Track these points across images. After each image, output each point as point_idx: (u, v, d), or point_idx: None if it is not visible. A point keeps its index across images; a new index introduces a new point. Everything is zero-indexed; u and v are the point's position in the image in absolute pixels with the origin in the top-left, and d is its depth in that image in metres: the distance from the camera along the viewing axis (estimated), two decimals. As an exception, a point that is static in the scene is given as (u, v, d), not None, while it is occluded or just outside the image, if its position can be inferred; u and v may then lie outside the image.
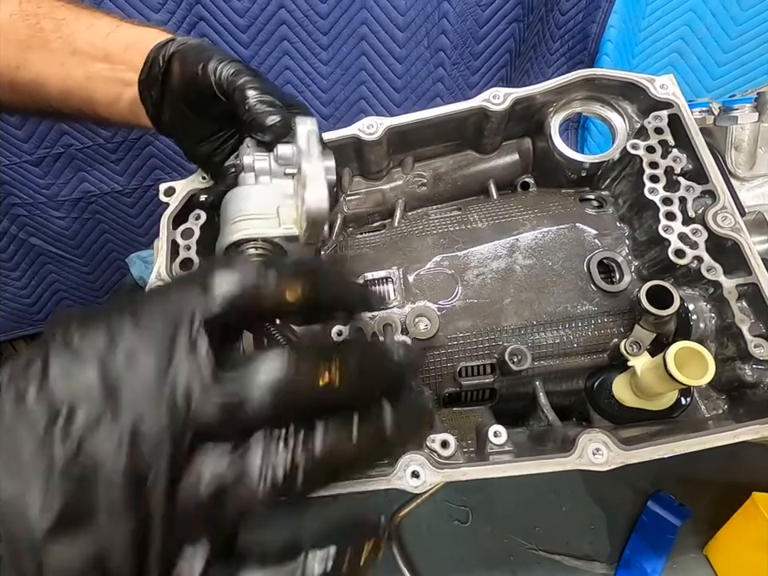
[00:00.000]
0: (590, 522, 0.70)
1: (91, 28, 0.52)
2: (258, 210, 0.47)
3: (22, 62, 0.51)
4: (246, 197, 0.48)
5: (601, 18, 1.07)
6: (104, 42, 0.51)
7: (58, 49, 0.51)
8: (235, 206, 0.48)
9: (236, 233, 0.46)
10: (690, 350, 0.46)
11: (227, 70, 0.48)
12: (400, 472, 0.44)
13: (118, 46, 0.51)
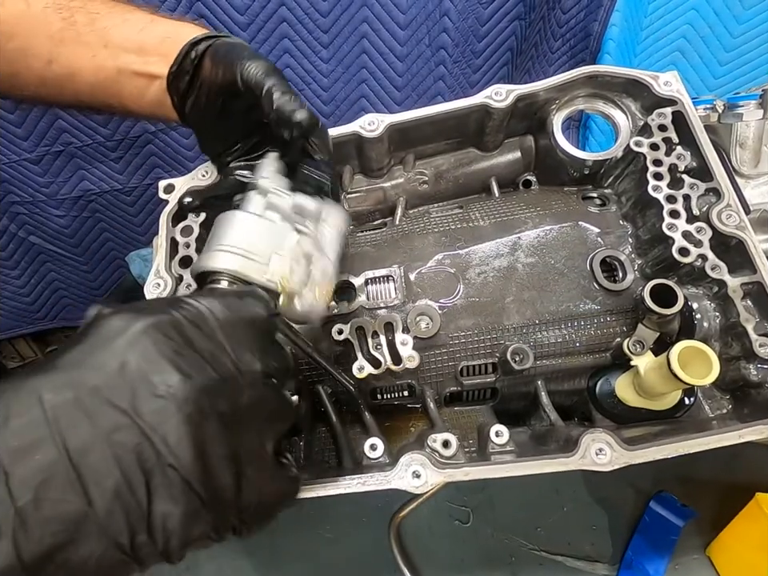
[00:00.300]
0: (592, 523, 0.69)
1: (126, 22, 0.51)
2: (251, 247, 0.44)
3: (54, 55, 0.50)
4: (246, 228, 0.45)
5: (603, 17, 1.06)
6: (138, 35, 0.51)
7: (90, 42, 0.51)
8: (232, 232, 0.45)
9: (219, 262, 0.42)
10: (693, 349, 0.46)
11: (256, 68, 0.47)
12: (401, 472, 0.44)
13: (153, 39, 0.51)
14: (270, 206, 0.47)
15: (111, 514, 0.27)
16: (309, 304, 0.44)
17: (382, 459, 0.49)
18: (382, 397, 0.60)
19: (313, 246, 0.45)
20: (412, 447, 0.49)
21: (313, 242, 0.46)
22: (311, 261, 0.45)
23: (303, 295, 0.43)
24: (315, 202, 0.48)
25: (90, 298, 1.42)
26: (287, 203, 0.48)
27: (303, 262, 0.45)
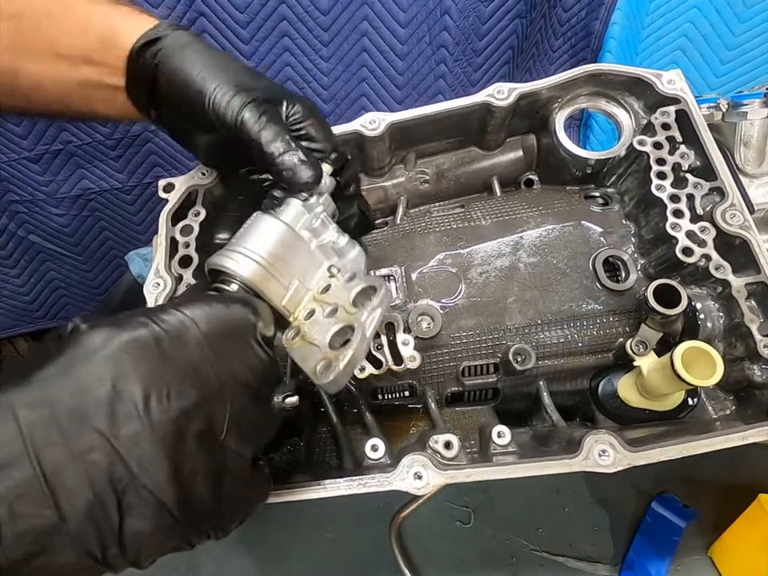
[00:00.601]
0: (593, 523, 0.69)
1: (67, 25, 0.48)
2: (276, 262, 0.41)
3: (16, 68, 0.48)
4: (277, 239, 0.42)
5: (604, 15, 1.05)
6: (82, 39, 0.47)
7: (42, 53, 0.49)
8: (261, 238, 0.42)
9: (236, 265, 0.40)
10: (697, 349, 0.45)
11: (231, 111, 0.42)
12: (402, 473, 0.44)
13: (95, 43, 0.47)
14: (310, 227, 0.44)
15: (83, 530, 0.27)
16: (325, 371, 0.38)
17: (383, 460, 0.49)
18: (383, 397, 0.60)
19: (342, 302, 0.41)
20: (413, 448, 0.48)
21: (342, 295, 0.42)
22: (335, 316, 0.40)
23: (321, 355, 0.39)
24: (354, 248, 0.46)
25: (90, 297, 1.42)
26: (328, 234, 0.45)
27: (327, 311, 0.41)
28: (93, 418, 0.28)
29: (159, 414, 0.29)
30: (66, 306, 1.44)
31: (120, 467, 0.28)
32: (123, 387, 0.29)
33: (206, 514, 0.31)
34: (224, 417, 0.32)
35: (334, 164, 0.50)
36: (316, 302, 0.42)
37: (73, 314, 1.45)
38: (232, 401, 0.33)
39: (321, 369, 0.38)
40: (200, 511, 0.31)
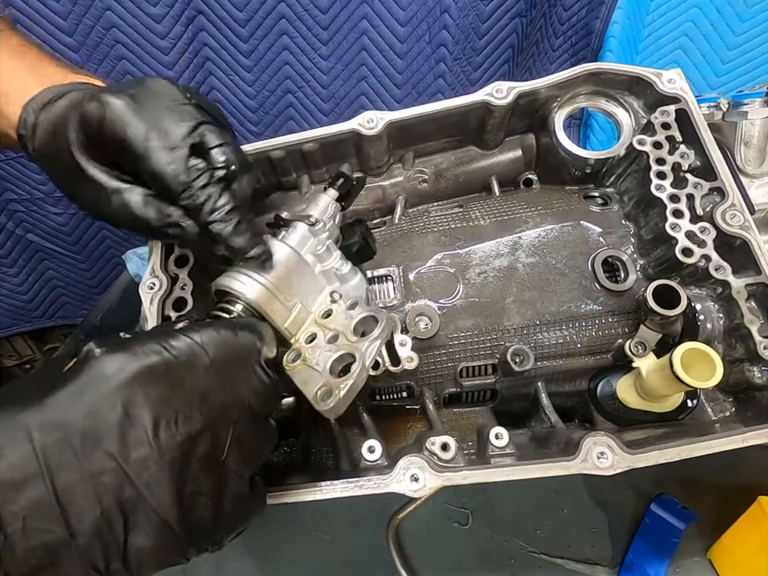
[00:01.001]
0: (592, 525, 0.69)
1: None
2: (281, 284, 0.42)
3: None
4: (285, 263, 0.43)
5: (604, 14, 1.05)
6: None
7: None
8: (278, 266, 0.43)
9: (243, 287, 0.41)
10: (697, 351, 0.45)
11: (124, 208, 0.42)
12: (399, 475, 0.43)
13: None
14: (315, 252, 0.46)
15: (90, 545, 0.29)
16: (326, 398, 0.39)
17: (380, 462, 0.48)
18: (381, 398, 0.60)
19: (344, 328, 0.42)
20: (410, 450, 0.48)
21: (345, 324, 0.42)
22: (336, 343, 0.41)
23: (322, 381, 0.40)
24: (356, 275, 0.47)
25: (88, 295, 1.42)
26: (332, 260, 0.46)
27: (329, 337, 0.42)
28: (105, 441, 0.30)
29: (167, 440, 0.31)
30: (65, 305, 1.44)
31: (129, 489, 0.30)
32: (134, 413, 0.31)
33: (205, 531, 0.33)
34: (227, 439, 0.34)
35: (339, 189, 0.51)
36: (317, 326, 0.44)
37: (71, 313, 1.45)
38: (235, 423, 0.34)
39: (321, 395, 0.39)
40: (200, 529, 0.33)
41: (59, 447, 0.29)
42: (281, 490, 0.44)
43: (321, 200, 0.51)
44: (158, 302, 0.51)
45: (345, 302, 0.45)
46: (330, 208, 0.50)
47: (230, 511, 0.34)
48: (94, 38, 0.97)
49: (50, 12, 0.93)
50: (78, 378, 0.31)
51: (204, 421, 0.33)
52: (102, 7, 0.94)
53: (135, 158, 0.41)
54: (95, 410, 0.30)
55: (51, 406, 0.30)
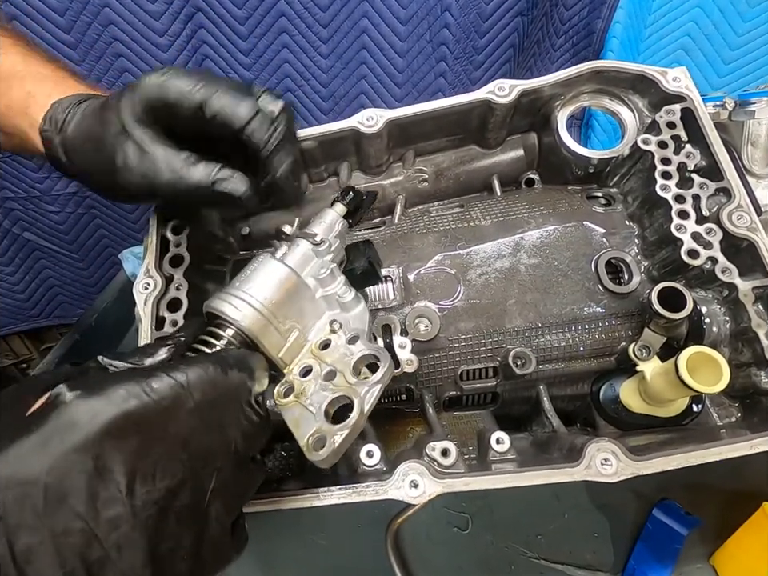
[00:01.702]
0: (594, 530, 0.68)
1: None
2: (277, 309, 0.39)
3: None
4: (283, 286, 0.40)
5: (606, 14, 1.04)
6: (6, 96, 0.49)
7: None
8: (265, 284, 0.40)
9: (236, 313, 0.38)
10: (702, 355, 0.44)
11: None
12: (398, 481, 0.42)
13: (17, 104, 0.48)
14: (317, 275, 0.43)
15: None
16: (318, 446, 0.36)
17: (378, 467, 0.47)
18: (380, 400, 0.58)
19: (344, 369, 0.39)
20: (410, 454, 0.47)
21: (344, 362, 0.40)
22: (333, 382, 0.38)
23: (316, 427, 0.37)
24: (359, 304, 0.44)
25: (85, 295, 1.41)
26: (336, 285, 0.43)
27: (324, 373, 0.39)
28: (71, 499, 0.27)
29: (143, 496, 0.28)
30: (62, 304, 1.43)
31: (97, 550, 0.27)
32: (106, 467, 0.28)
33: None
34: (209, 488, 0.31)
35: (348, 205, 0.48)
36: (314, 358, 0.41)
37: (68, 312, 1.44)
38: (219, 470, 0.32)
39: (314, 443, 0.36)
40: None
41: (19, 505, 0.26)
42: (277, 496, 0.43)
43: (327, 216, 0.48)
44: (153, 302, 0.50)
45: (345, 333, 0.42)
46: (336, 226, 0.47)
47: (209, 561, 0.32)
48: (91, 35, 0.96)
49: (47, 8, 0.92)
50: (45, 425, 0.28)
51: (185, 471, 0.30)
52: (100, 4, 0.93)
53: (202, 110, 0.43)
54: (62, 465, 0.27)
55: (13, 457, 0.27)
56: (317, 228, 0.47)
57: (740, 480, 0.66)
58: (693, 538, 0.64)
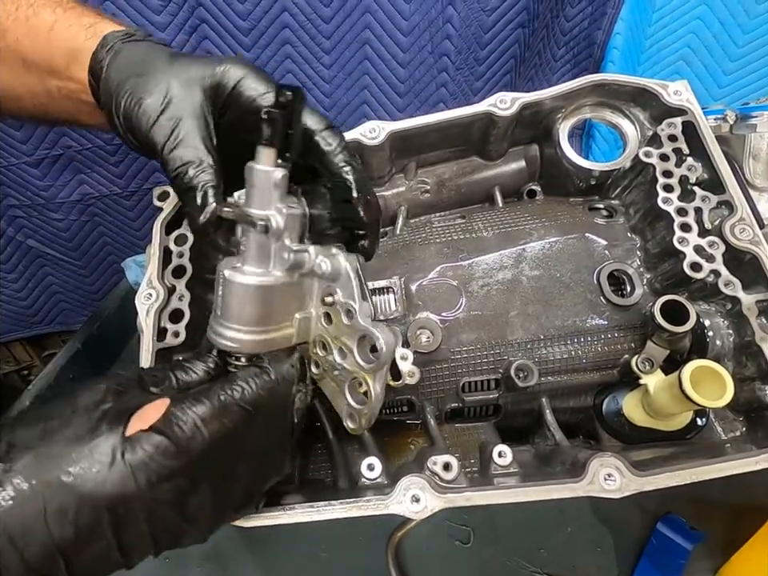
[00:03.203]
0: (597, 544, 0.67)
1: (31, 32, 0.46)
2: (272, 318, 0.38)
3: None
4: (258, 301, 0.37)
5: (606, 25, 1.05)
6: (46, 49, 0.46)
7: (10, 61, 0.47)
8: (242, 309, 0.37)
9: (237, 345, 0.38)
10: (706, 368, 0.44)
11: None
12: (399, 496, 0.42)
13: (60, 57, 0.45)
14: (284, 264, 0.38)
15: None
16: (350, 421, 0.41)
17: (379, 480, 0.47)
18: (381, 412, 0.58)
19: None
20: (411, 468, 0.47)
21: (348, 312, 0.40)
22: (347, 362, 0.40)
23: (345, 408, 0.41)
24: (340, 265, 0.40)
25: (87, 302, 1.41)
26: (308, 261, 0.39)
27: (337, 353, 0.41)
28: None
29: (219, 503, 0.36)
30: (64, 311, 1.43)
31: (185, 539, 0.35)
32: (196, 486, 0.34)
33: None
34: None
35: (271, 142, 0.35)
36: (325, 334, 0.42)
37: (70, 319, 1.44)
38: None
39: (347, 416, 0.42)
40: None
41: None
42: (277, 510, 0.43)
43: (256, 177, 0.36)
44: (155, 313, 0.50)
45: (341, 308, 0.40)
46: (276, 182, 0.36)
47: None
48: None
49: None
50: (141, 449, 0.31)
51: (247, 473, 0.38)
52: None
53: None
54: None
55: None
56: (253, 204, 0.37)
57: (745, 494, 0.65)
58: (698, 553, 0.63)
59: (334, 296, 0.40)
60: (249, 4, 1.00)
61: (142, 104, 0.41)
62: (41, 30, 0.46)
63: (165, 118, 0.41)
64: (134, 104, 0.42)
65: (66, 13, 0.47)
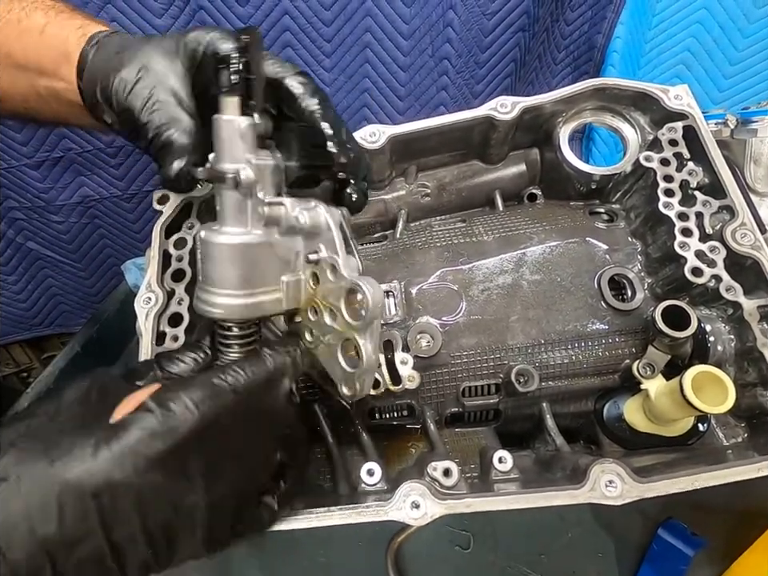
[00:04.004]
0: (598, 550, 0.66)
1: (21, 33, 0.46)
2: (256, 281, 0.36)
3: None
4: (240, 262, 0.35)
5: (607, 29, 1.05)
6: (35, 51, 0.46)
7: (1, 63, 0.47)
8: (224, 271, 0.36)
9: (222, 310, 0.36)
10: (708, 374, 0.44)
11: None
12: (399, 502, 0.41)
13: (49, 57, 0.46)
14: (262, 219, 0.36)
15: None
16: (346, 388, 0.39)
17: (379, 485, 0.47)
18: (381, 416, 0.58)
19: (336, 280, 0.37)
20: (411, 473, 0.46)
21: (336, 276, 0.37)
22: (337, 324, 0.38)
23: (340, 374, 0.39)
24: (319, 217, 0.38)
25: (87, 304, 1.41)
26: (284, 216, 0.37)
27: (327, 316, 0.39)
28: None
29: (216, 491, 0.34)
30: (64, 313, 1.43)
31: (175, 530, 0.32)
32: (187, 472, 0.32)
33: None
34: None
35: (235, 91, 0.34)
36: (313, 296, 0.39)
37: (70, 321, 1.44)
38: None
39: (342, 383, 0.40)
40: None
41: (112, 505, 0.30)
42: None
43: (220, 128, 0.35)
44: (154, 317, 0.50)
45: (325, 263, 0.38)
46: (241, 131, 0.34)
47: None
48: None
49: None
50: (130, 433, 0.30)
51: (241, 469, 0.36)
52: (107, 19, 0.95)
53: None
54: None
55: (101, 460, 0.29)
56: (223, 159, 0.36)
57: (747, 500, 0.65)
58: (699, 560, 0.63)
59: (318, 253, 0.38)
60: (249, 7, 1.00)
61: (119, 75, 0.43)
62: (32, 31, 0.47)
63: (140, 86, 0.42)
64: (111, 77, 0.43)
65: (57, 16, 0.48)
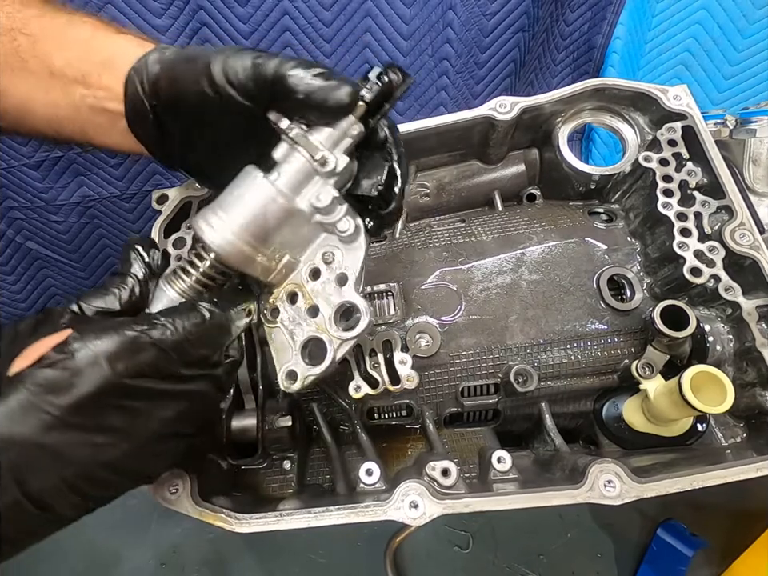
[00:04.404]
0: (597, 550, 0.66)
1: (64, 43, 0.46)
2: (266, 238, 0.36)
3: (5, 86, 0.46)
4: (268, 214, 0.36)
5: (606, 30, 1.06)
6: (79, 60, 0.46)
7: (36, 71, 0.46)
8: (248, 209, 0.36)
9: (217, 239, 0.35)
10: (706, 374, 0.44)
11: (244, 64, 0.38)
12: (398, 502, 0.41)
13: (94, 66, 0.46)
14: (316, 200, 0.37)
15: None
16: (290, 378, 0.38)
17: (378, 485, 0.47)
18: (380, 416, 0.58)
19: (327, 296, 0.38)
20: (410, 473, 0.46)
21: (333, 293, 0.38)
22: (315, 320, 0.38)
23: (292, 361, 0.38)
24: (358, 237, 0.39)
25: (87, 304, 1.41)
26: (335, 216, 0.38)
27: (307, 309, 0.38)
28: None
29: None
30: (63, 313, 1.42)
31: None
32: None
33: None
34: None
35: (371, 93, 0.39)
36: (301, 288, 0.39)
37: (69, 321, 1.44)
38: None
39: (286, 372, 0.39)
40: None
41: None
42: (274, 515, 0.42)
43: (343, 122, 0.38)
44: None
45: (336, 269, 0.38)
46: (353, 133, 0.38)
47: None
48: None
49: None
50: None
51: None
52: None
53: None
54: None
55: None
56: (322, 136, 0.37)
57: (747, 500, 0.65)
58: (699, 560, 0.63)
59: (334, 256, 0.39)
60: (250, 7, 1.00)
61: (222, 56, 0.41)
62: (77, 41, 0.47)
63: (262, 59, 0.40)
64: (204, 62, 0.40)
65: (105, 26, 0.48)
